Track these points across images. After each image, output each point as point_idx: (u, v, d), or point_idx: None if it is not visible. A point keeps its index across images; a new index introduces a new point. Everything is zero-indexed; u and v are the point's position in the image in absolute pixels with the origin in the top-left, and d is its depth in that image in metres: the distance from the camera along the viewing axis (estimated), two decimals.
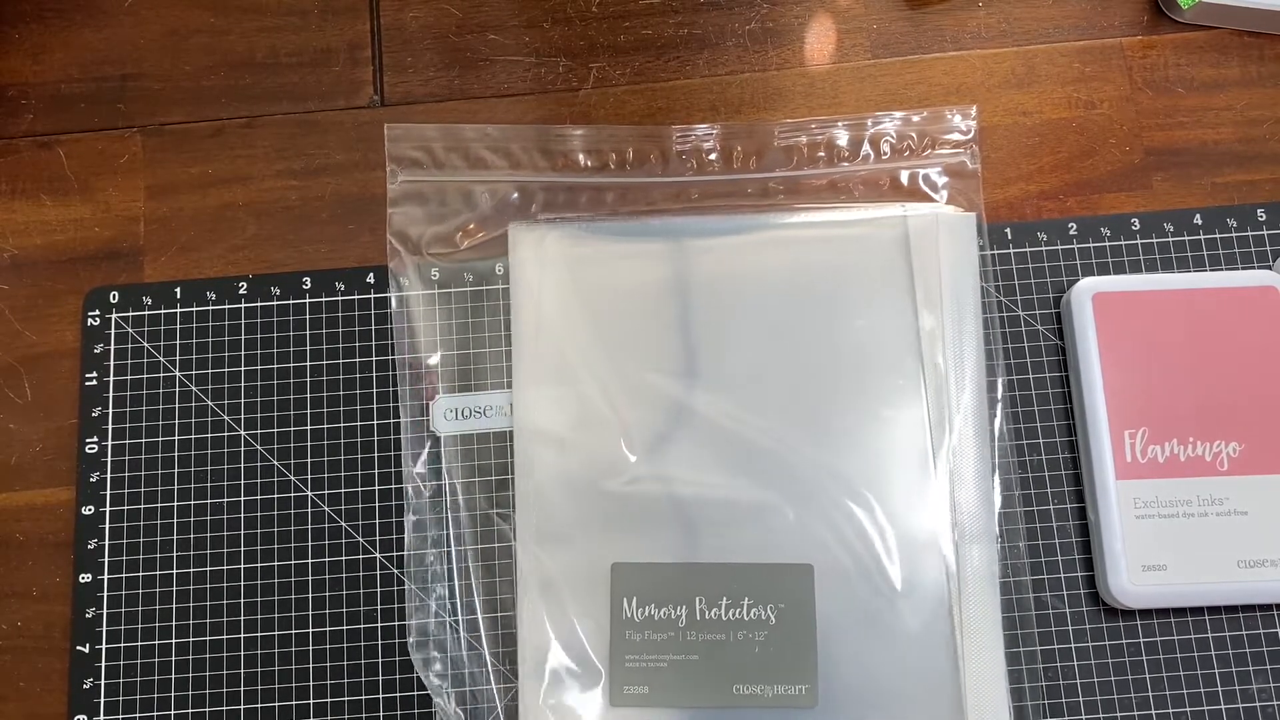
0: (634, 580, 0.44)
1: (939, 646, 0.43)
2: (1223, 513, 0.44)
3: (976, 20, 0.51)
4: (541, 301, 0.46)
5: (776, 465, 0.44)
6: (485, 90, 0.50)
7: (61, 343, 0.48)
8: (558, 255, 0.46)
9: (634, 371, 0.45)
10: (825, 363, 0.45)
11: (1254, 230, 0.48)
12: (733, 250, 0.46)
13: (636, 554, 0.44)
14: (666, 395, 0.45)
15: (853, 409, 0.45)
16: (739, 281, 0.46)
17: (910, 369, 0.45)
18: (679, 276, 0.46)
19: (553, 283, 0.46)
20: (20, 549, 0.46)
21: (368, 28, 0.51)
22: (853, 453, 0.45)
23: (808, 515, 0.44)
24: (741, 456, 0.45)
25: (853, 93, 0.50)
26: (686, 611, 0.43)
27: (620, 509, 0.44)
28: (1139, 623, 0.44)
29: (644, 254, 0.47)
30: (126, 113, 0.50)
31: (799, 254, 0.46)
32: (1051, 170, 0.49)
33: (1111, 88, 0.50)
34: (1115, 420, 0.45)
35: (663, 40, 0.51)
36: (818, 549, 0.44)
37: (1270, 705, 0.44)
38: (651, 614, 0.43)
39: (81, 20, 0.51)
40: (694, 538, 0.44)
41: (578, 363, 0.45)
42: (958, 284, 0.46)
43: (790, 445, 0.45)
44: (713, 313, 0.46)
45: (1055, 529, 0.45)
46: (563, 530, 0.44)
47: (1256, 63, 0.50)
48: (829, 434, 0.45)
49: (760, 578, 0.43)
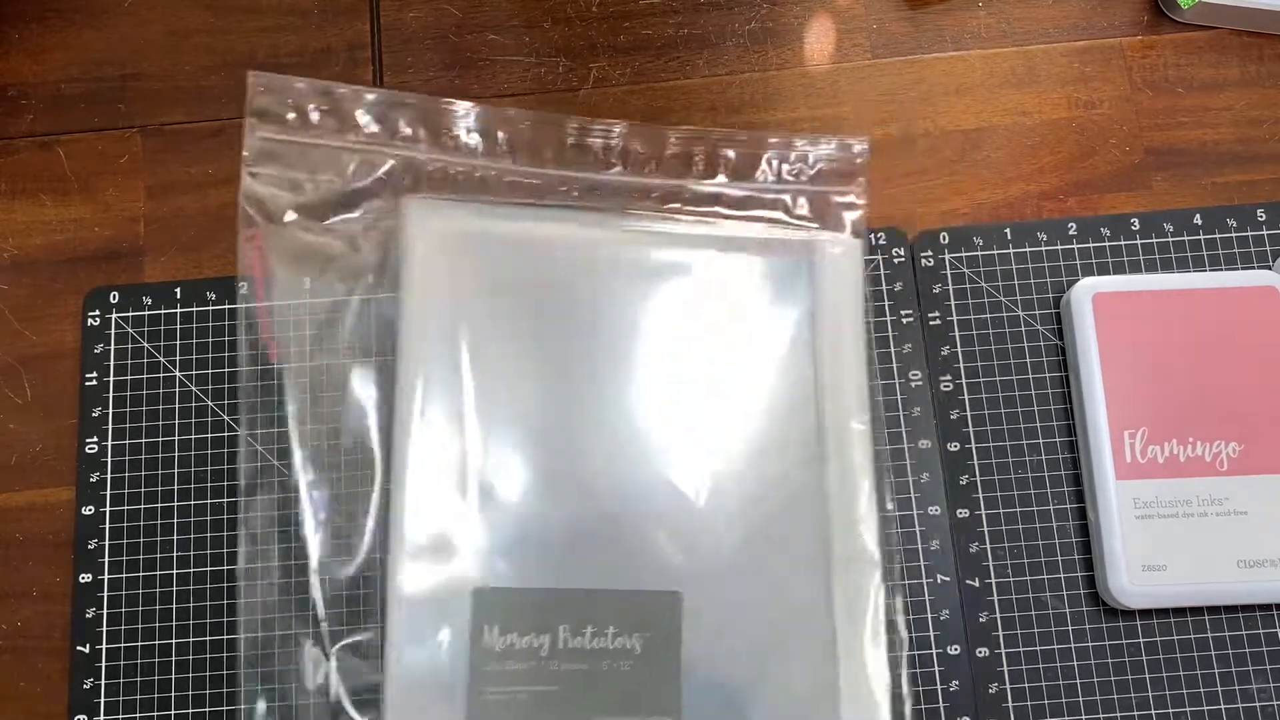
0: (496, 606, 0.42)
1: (816, 672, 0.42)
2: (1223, 513, 0.44)
3: (976, 20, 0.51)
4: (432, 289, 0.43)
5: (648, 487, 0.43)
6: (485, 90, 0.50)
7: (61, 343, 0.48)
8: (455, 239, 0.44)
9: (513, 382, 0.43)
10: (708, 383, 0.44)
11: (1254, 230, 0.48)
12: (630, 258, 0.45)
13: (500, 578, 0.42)
14: (545, 409, 0.43)
15: (734, 432, 0.44)
16: (631, 291, 0.44)
17: (791, 392, 0.44)
18: (571, 280, 0.44)
19: (445, 270, 0.44)
20: (20, 549, 0.46)
21: (368, 28, 0.51)
22: (729, 476, 0.43)
23: (678, 540, 0.42)
24: (613, 477, 0.43)
25: (853, 93, 0.50)
26: (549, 640, 0.41)
27: (485, 530, 0.42)
28: (1139, 623, 0.44)
29: (544, 249, 0.44)
30: (126, 113, 0.50)
31: (691, 270, 0.45)
32: (1051, 170, 0.49)
33: (1111, 88, 0.50)
34: (1115, 420, 0.45)
35: (663, 40, 0.51)
36: (688, 576, 0.42)
37: (1270, 705, 0.44)
38: (513, 643, 0.41)
39: (81, 20, 0.51)
40: (560, 562, 0.42)
41: (464, 367, 0.43)
42: (842, 307, 0.45)
43: (662, 466, 0.43)
44: (602, 325, 0.44)
45: (1055, 529, 0.45)
46: (427, 550, 0.42)
47: (1256, 63, 0.50)
48: (707, 456, 0.43)
49: (626, 605, 0.42)
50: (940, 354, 0.47)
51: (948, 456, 0.46)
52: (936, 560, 0.45)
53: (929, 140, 0.49)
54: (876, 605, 0.42)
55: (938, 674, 0.44)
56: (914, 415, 0.46)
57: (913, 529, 0.45)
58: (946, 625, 0.45)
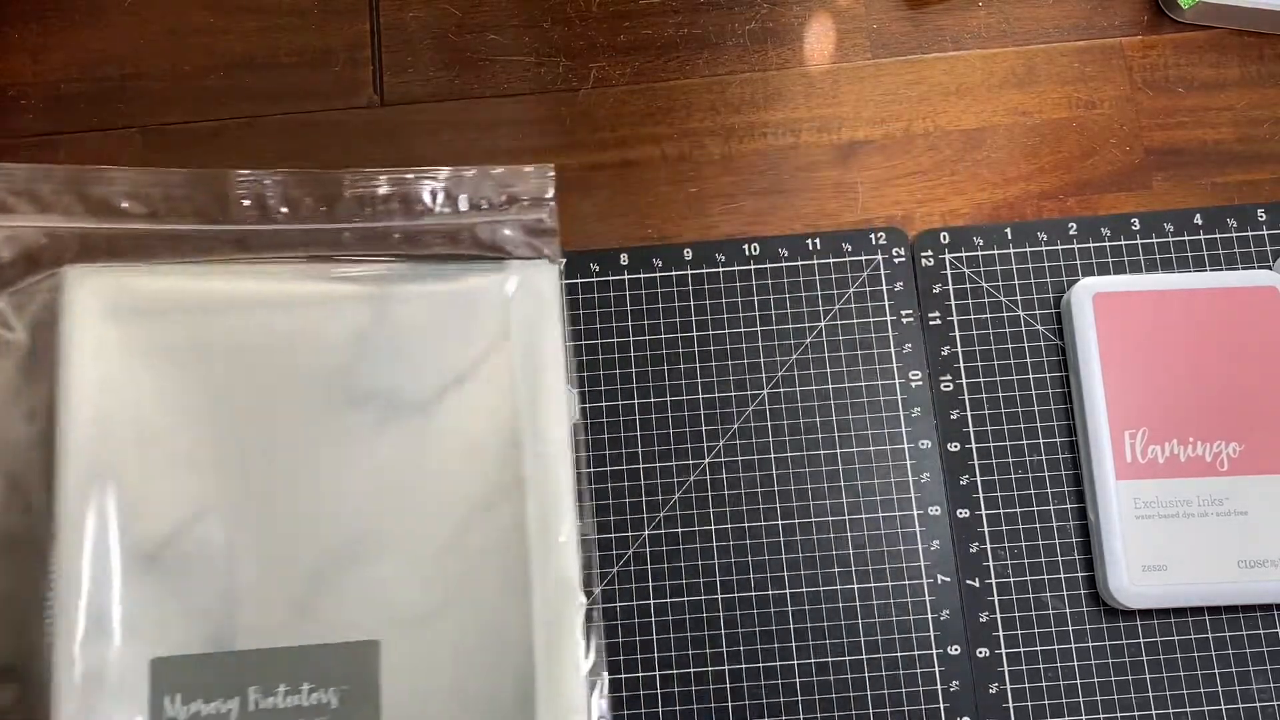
0: (176, 676, 0.40)
1: (520, 707, 0.40)
2: (1223, 513, 0.44)
3: (976, 20, 0.51)
4: (97, 357, 0.41)
5: (342, 539, 0.41)
6: (485, 90, 0.50)
7: None
8: (122, 303, 0.42)
9: (190, 447, 0.41)
10: (402, 424, 0.42)
11: (1254, 230, 0.48)
12: (307, 305, 0.43)
13: (180, 646, 0.40)
14: (225, 470, 0.41)
15: (432, 470, 0.42)
16: (316, 339, 0.43)
17: (490, 423, 0.43)
18: (245, 335, 0.42)
19: (115, 337, 0.41)
20: None
21: (368, 28, 0.51)
22: (428, 518, 0.42)
23: (377, 588, 0.41)
24: (305, 531, 0.41)
25: (853, 92, 0.50)
26: (239, 703, 0.40)
27: (164, 593, 0.40)
28: (1139, 623, 0.44)
29: (212, 305, 0.42)
30: (126, 113, 0.50)
31: (381, 310, 0.43)
32: (1051, 170, 0.49)
33: (1111, 88, 0.50)
34: (1115, 420, 0.45)
35: (663, 40, 0.51)
36: (388, 623, 0.41)
37: (1270, 705, 0.44)
38: (198, 710, 0.39)
39: (81, 20, 0.51)
40: (251, 623, 0.40)
41: (132, 438, 0.41)
42: (536, 332, 0.43)
43: (355, 516, 0.42)
44: (285, 378, 0.42)
45: (1055, 529, 0.45)
46: (96, 629, 0.39)
47: (1256, 63, 0.50)
48: (405, 499, 0.42)
49: (321, 660, 0.40)
50: (940, 354, 0.47)
51: (948, 456, 0.46)
52: (936, 560, 0.45)
53: (929, 140, 0.49)
54: (574, 633, 0.41)
55: (938, 674, 0.44)
56: (914, 415, 0.46)
57: (913, 529, 0.45)
58: (946, 625, 0.45)
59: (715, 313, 0.48)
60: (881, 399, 0.47)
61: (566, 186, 0.48)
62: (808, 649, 0.44)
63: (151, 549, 0.41)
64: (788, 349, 0.47)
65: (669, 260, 0.48)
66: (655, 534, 0.45)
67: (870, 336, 0.47)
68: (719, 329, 0.47)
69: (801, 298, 0.48)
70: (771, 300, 0.48)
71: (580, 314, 0.47)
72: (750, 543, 0.45)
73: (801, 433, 0.46)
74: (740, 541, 0.45)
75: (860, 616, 0.45)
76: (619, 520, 0.45)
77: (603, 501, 0.45)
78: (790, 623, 0.45)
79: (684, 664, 0.44)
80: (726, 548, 0.45)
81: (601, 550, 0.45)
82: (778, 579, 0.45)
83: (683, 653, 0.44)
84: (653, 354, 0.47)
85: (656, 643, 0.44)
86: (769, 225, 0.49)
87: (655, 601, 0.45)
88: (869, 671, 0.44)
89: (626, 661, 0.44)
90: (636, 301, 0.48)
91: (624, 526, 0.45)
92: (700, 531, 0.45)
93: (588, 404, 0.46)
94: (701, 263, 0.48)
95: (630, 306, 0.48)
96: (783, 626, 0.45)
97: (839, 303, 0.48)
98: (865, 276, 0.48)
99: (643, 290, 0.48)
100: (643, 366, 0.47)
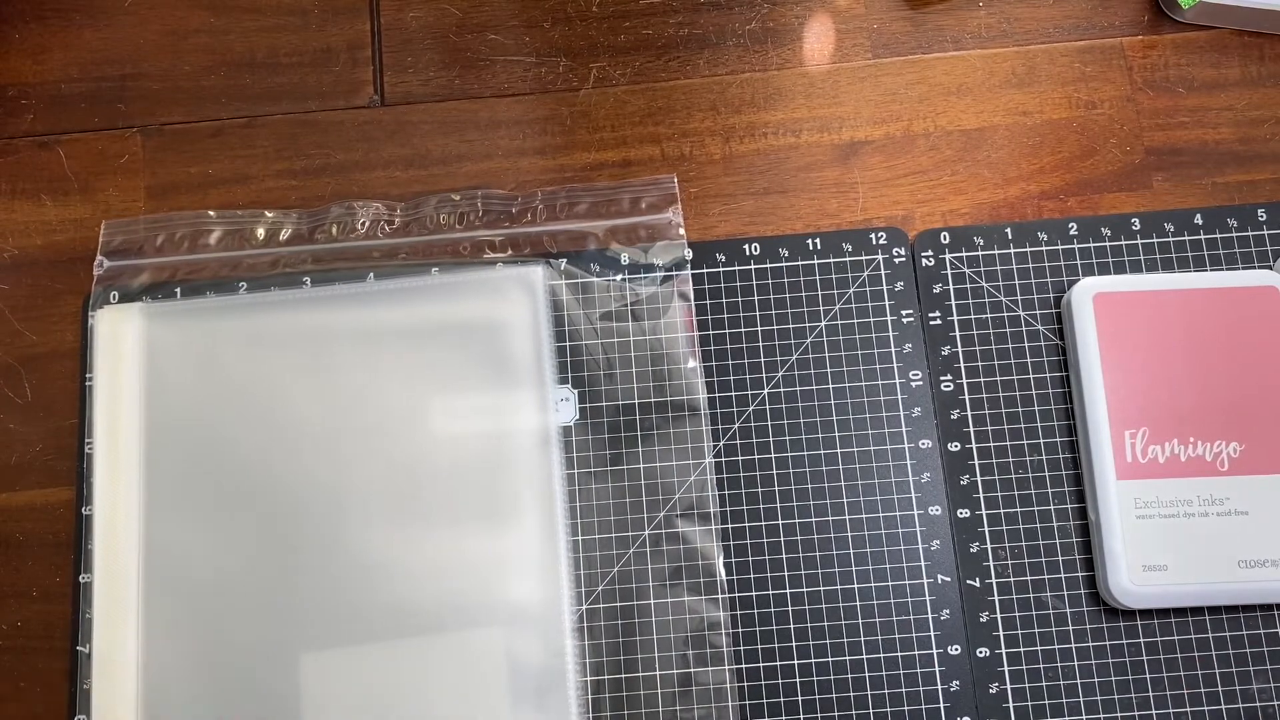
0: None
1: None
2: (1223, 513, 0.44)
3: (976, 20, 0.51)
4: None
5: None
6: (485, 90, 0.50)
7: (61, 343, 0.48)
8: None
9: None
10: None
11: (1254, 230, 0.48)
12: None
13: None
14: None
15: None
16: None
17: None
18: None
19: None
20: (20, 549, 0.46)
21: (368, 28, 0.51)
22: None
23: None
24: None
25: (853, 92, 0.50)
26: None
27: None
28: (1139, 623, 0.44)
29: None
30: (126, 113, 0.50)
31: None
32: (1052, 170, 0.49)
33: (1112, 88, 0.50)
34: (1115, 420, 0.45)
35: (663, 40, 0.51)
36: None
37: (1270, 705, 0.44)
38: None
39: (81, 20, 0.51)
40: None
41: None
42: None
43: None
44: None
45: (1055, 529, 0.45)
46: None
47: (1256, 63, 0.50)
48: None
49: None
50: (941, 354, 0.47)
51: (948, 456, 0.46)
52: (936, 560, 0.45)
53: (929, 140, 0.49)
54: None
55: (938, 674, 0.44)
56: (914, 415, 0.46)
57: (913, 529, 0.45)
58: (946, 625, 0.45)
59: (715, 312, 0.48)
60: (882, 399, 0.47)
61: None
62: (808, 648, 0.44)
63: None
64: (788, 349, 0.47)
65: None
66: (655, 534, 0.45)
67: (870, 336, 0.47)
68: (719, 329, 0.47)
69: (802, 298, 0.48)
70: (772, 300, 0.48)
71: (580, 314, 0.47)
72: (750, 542, 0.45)
73: (802, 432, 0.46)
74: (740, 541, 0.45)
75: (860, 616, 0.45)
76: (619, 520, 0.45)
77: (602, 501, 0.45)
78: (790, 622, 0.45)
79: (684, 664, 0.44)
80: (727, 547, 0.45)
81: (602, 550, 0.45)
82: (778, 578, 0.45)
83: (682, 652, 0.44)
84: (653, 354, 0.47)
85: (657, 642, 0.44)
86: (769, 225, 0.49)
87: (655, 601, 0.45)
88: (869, 671, 0.44)
89: (627, 661, 0.44)
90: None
91: (624, 526, 0.45)
92: (701, 531, 0.45)
93: (588, 404, 0.46)
94: (701, 263, 0.48)
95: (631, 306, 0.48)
96: (783, 626, 0.45)
97: (839, 303, 0.48)
98: (865, 276, 0.48)
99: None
100: (643, 366, 0.47)
